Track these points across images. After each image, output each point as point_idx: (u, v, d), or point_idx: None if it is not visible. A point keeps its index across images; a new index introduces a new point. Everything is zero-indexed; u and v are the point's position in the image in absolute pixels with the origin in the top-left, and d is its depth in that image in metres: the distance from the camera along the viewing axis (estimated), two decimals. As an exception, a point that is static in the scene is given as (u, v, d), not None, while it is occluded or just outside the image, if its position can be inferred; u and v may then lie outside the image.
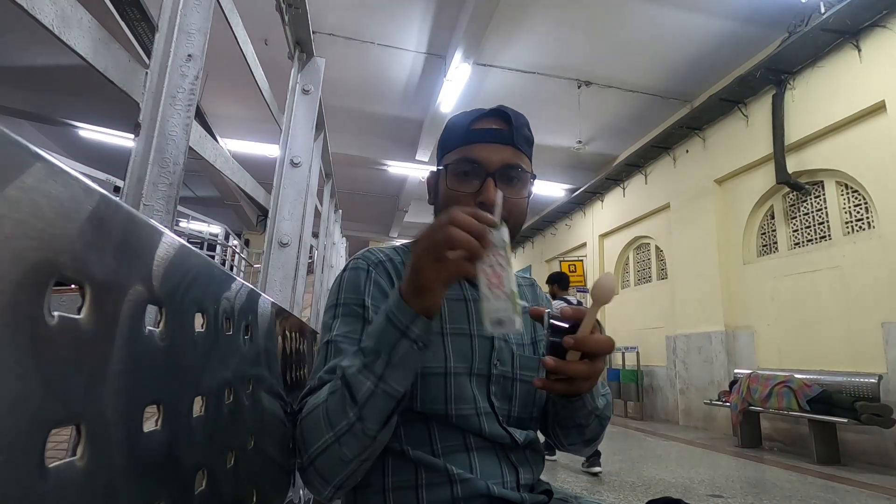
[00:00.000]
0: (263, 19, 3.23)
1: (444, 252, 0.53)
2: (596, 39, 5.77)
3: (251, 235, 13.25)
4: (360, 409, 0.56)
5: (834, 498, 2.97)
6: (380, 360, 0.56)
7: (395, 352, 0.56)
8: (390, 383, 0.56)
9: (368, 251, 0.77)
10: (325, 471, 0.59)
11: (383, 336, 0.56)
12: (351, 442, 0.57)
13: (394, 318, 0.56)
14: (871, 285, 4.28)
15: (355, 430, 0.56)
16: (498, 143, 0.73)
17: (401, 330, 0.56)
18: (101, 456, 0.27)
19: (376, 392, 0.55)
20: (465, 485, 0.65)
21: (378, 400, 0.56)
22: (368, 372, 0.56)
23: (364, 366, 0.56)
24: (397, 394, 0.56)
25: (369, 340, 0.58)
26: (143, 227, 0.32)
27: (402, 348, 0.56)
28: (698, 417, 6.10)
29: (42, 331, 0.23)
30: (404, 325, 0.56)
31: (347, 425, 0.56)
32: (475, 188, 0.72)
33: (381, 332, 0.57)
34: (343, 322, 0.69)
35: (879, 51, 4.33)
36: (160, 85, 0.80)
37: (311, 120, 1.71)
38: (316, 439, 0.59)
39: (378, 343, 0.56)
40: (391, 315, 0.56)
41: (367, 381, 0.56)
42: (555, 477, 3.30)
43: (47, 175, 0.23)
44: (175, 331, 0.36)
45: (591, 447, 0.79)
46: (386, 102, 7.39)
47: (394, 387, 0.56)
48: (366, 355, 0.57)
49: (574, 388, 0.59)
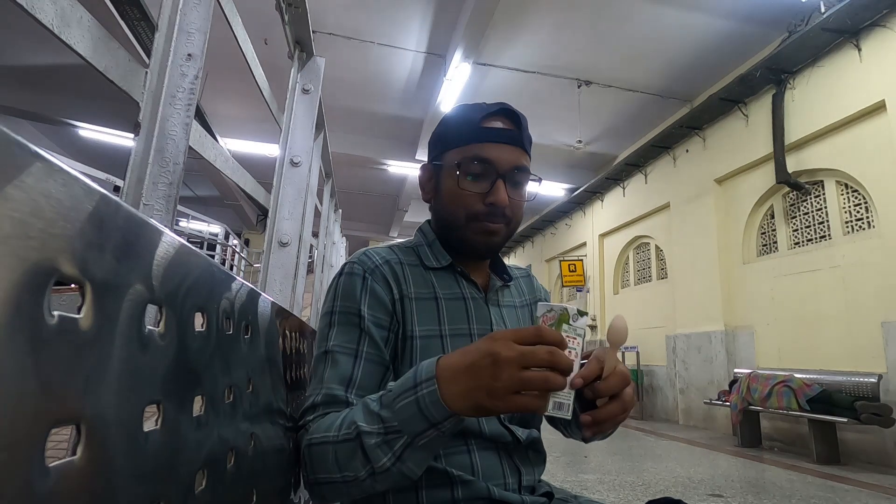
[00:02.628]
0: (263, 19, 3.23)
1: (523, 387, 0.48)
2: (596, 39, 5.76)
3: (251, 235, 13.25)
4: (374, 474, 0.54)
5: (834, 497, 2.98)
6: (401, 441, 0.53)
7: (419, 438, 0.52)
8: (409, 464, 0.54)
9: (364, 254, 0.75)
10: (330, 495, 0.60)
11: (411, 422, 0.52)
12: (358, 489, 0.57)
13: (426, 412, 0.51)
14: (871, 285, 4.28)
15: (365, 485, 0.56)
16: (508, 143, 0.72)
17: (432, 423, 0.52)
18: (101, 456, 0.27)
19: (391, 470, 0.54)
20: (466, 487, 0.65)
21: (392, 476, 0.55)
22: (387, 447, 0.53)
23: (384, 441, 0.53)
24: (414, 475, 0.55)
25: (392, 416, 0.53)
26: (143, 226, 0.32)
27: (428, 436, 0.52)
28: (698, 417, 6.10)
29: (42, 331, 0.23)
30: (437, 420, 0.51)
31: (355, 478, 0.56)
32: (485, 189, 0.72)
33: (410, 417, 0.52)
34: (339, 331, 0.68)
35: (879, 50, 4.33)
36: (160, 84, 0.80)
37: (311, 119, 1.71)
38: (323, 471, 0.58)
39: (403, 425, 0.52)
40: (423, 407, 0.51)
41: (384, 456, 0.53)
42: (554, 476, 3.30)
43: (47, 174, 0.23)
44: (175, 330, 0.36)
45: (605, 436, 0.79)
46: (386, 102, 7.39)
47: (412, 468, 0.54)
48: (387, 430, 0.53)
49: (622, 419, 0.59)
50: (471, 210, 0.72)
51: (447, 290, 0.76)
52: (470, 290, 0.77)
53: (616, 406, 0.57)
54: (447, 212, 0.75)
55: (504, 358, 0.47)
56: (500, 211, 0.71)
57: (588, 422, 0.57)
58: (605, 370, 0.56)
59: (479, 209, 0.72)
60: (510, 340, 0.49)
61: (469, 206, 0.72)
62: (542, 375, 0.48)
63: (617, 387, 0.57)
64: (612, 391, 0.57)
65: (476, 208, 0.72)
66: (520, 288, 0.87)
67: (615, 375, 0.57)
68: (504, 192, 0.71)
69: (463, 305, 0.75)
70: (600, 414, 0.57)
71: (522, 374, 0.47)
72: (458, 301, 0.75)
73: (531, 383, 0.47)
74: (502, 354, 0.48)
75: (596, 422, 0.57)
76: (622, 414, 0.58)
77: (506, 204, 0.71)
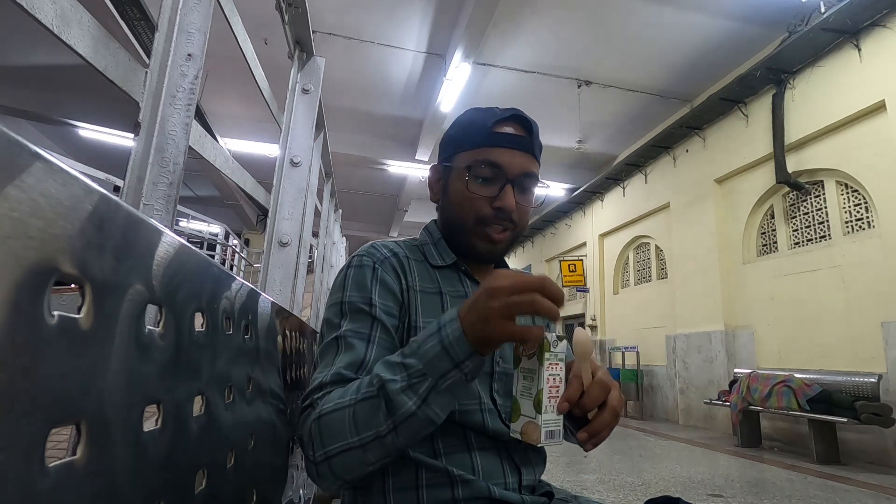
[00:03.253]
0: (263, 19, 3.23)
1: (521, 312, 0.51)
2: (596, 39, 5.77)
3: (251, 235, 13.25)
4: (396, 424, 0.55)
5: (834, 497, 2.98)
6: (426, 383, 0.54)
7: (443, 379, 0.54)
8: (433, 408, 0.55)
9: (373, 247, 0.76)
10: (341, 469, 0.59)
11: (435, 362, 0.54)
12: (377, 450, 0.57)
13: (451, 350, 0.54)
14: (871, 285, 4.28)
15: (385, 441, 0.56)
16: (519, 149, 0.73)
17: (455, 362, 0.54)
18: (101, 456, 0.27)
19: (417, 414, 0.55)
20: (466, 486, 0.65)
21: (416, 422, 0.55)
22: (412, 392, 0.55)
23: (409, 386, 0.55)
24: (438, 419, 0.56)
25: (416, 360, 0.56)
26: (142, 226, 0.32)
27: (451, 378, 0.55)
28: (698, 417, 6.10)
29: (42, 330, 0.23)
30: (460, 358, 0.54)
31: (376, 435, 0.56)
32: (493, 193, 0.72)
33: (434, 357, 0.55)
34: (352, 319, 0.68)
35: (879, 50, 4.33)
36: (160, 84, 0.80)
37: (311, 119, 1.71)
38: (338, 439, 0.58)
39: (428, 367, 0.55)
40: (448, 346, 0.54)
41: (409, 401, 0.54)
42: (554, 476, 3.30)
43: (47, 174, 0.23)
44: (175, 330, 0.36)
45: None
46: (386, 102, 7.39)
47: (436, 411, 0.55)
48: (410, 375, 0.55)
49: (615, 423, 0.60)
50: (479, 213, 0.73)
51: (451, 288, 0.77)
52: (473, 288, 0.78)
53: (607, 415, 0.58)
54: (454, 213, 0.76)
55: (496, 286, 0.52)
56: (507, 215, 0.72)
57: (584, 438, 0.58)
58: (585, 384, 0.57)
59: (487, 213, 0.73)
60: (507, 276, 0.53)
61: (477, 209, 0.73)
62: (529, 298, 0.51)
63: (600, 397, 0.58)
64: (597, 402, 0.58)
65: (484, 212, 0.73)
66: None
67: (595, 386, 0.58)
68: (512, 197, 0.72)
69: None
70: (594, 427, 0.58)
71: (511, 298, 0.51)
72: (462, 299, 0.76)
73: (520, 307, 0.51)
74: (496, 284, 0.52)
75: (592, 435, 0.58)
76: (614, 419, 0.59)
77: (513, 209, 0.72)
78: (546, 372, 0.55)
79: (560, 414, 0.56)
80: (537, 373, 0.56)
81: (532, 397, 0.56)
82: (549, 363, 0.56)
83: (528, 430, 0.56)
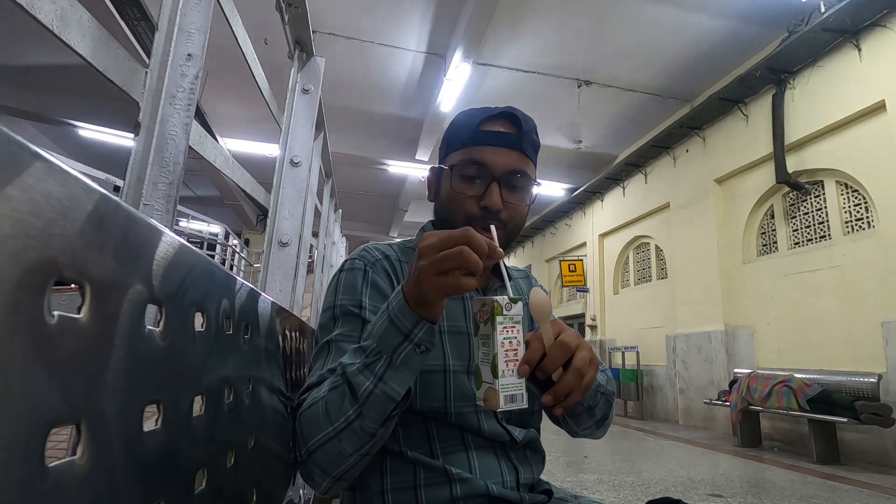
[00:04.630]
0: (263, 19, 3.23)
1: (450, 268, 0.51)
2: (596, 39, 5.77)
3: (251, 235, 13.25)
4: (360, 406, 0.55)
5: (834, 497, 2.98)
6: (381, 361, 0.55)
7: (396, 354, 0.55)
8: (390, 384, 0.55)
9: (365, 249, 0.77)
10: (324, 463, 0.59)
11: (385, 337, 0.55)
12: (350, 437, 0.57)
13: (397, 322, 0.55)
14: (871, 285, 4.28)
15: (354, 426, 0.56)
16: (505, 147, 0.72)
17: (404, 333, 0.55)
18: (101, 456, 0.27)
19: (375, 393, 0.55)
20: (465, 484, 0.65)
21: (376, 401, 0.55)
22: (369, 372, 0.55)
23: (365, 366, 0.56)
24: (397, 395, 0.56)
25: (371, 340, 0.57)
26: (142, 226, 0.32)
27: (404, 351, 0.55)
28: (698, 417, 6.10)
29: (42, 330, 0.23)
30: (407, 328, 0.55)
31: (346, 421, 0.56)
32: (479, 191, 0.71)
33: (384, 333, 0.56)
34: (343, 323, 0.69)
35: (879, 50, 4.33)
36: (160, 84, 0.80)
37: (311, 119, 1.71)
38: (315, 433, 0.58)
39: (380, 344, 0.56)
40: (394, 318, 0.55)
41: (366, 381, 0.55)
42: (554, 477, 3.30)
43: (47, 174, 0.23)
44: (175, 330, 0.36)
45: (603, 427, 0.79)
46: (386, 102, 7.39)
47: (394, 388, 0.55)
48: (367, 355, 0.56)
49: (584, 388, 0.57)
50: (466, 212, 0.72)
51: None
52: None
53: (569, 376, 0.56)
54: (445, 213, 0.76)
55: (424, 245, 0.53)
56: (494, 214, 0.71)
57: (549, 401, 0.56)
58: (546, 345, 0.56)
59: (474, 212, 0.72)
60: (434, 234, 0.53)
61: (465, 208, 0.72)
62: (457, 250, 0.50)
63: (561, 358, 0.56)
64: (558, 364, 0.56)
65: (471, 211, 0.72)
66: (519, 289, 0.88)
67: (556, 347, 0.56)
68: (497, 196, 0.70)
69: (461, 304, 0.76)
70: (557, 389, 0.56)
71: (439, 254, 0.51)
72: (457, 300, 0.76)
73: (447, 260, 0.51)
74: (424, 244, 0.53)
75: (556, 398, 0.56)
76: (580, 380, 0.56)
77: (499, 207, 0.70)
78: (500, 336, 0.54)
79: (521, 377, 0.54)
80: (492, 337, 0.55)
81: (489, 363, 0.55)
82: (502, 327, 0.54)
83: (489, 395, 0.54)
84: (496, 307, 0.55)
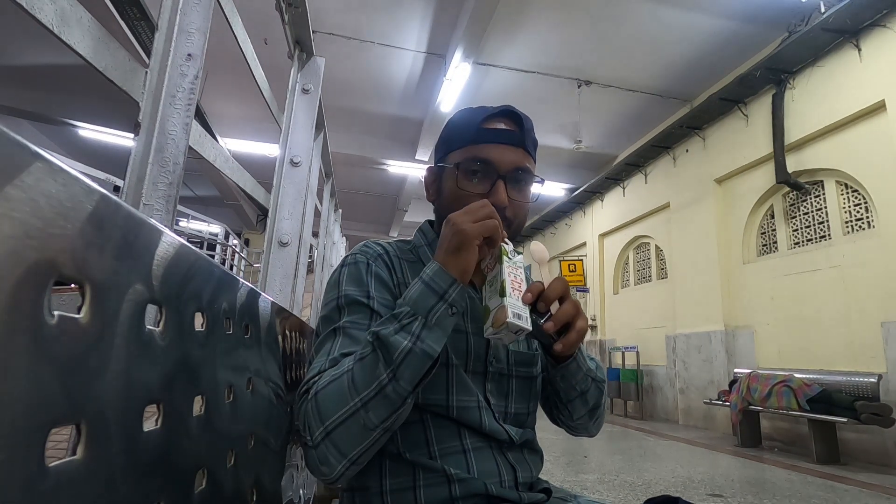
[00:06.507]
0: (263, 19, 3.23)
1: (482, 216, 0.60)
2: (596, 39, 5.76)
3: (251, 235, 13.25)
4: (396, 368, 0.56)
5: (834, 497, 2.98)
6: (417, 321, 0.58)
7: (431, 314, 0.58)
8: (427, 342, 0.58)
9: (366, 245, 0.77)
10: (343, 442, 0.57)
11: (421, 300, 0.59)
12: (379, 405, 0.57)
13: (432, 283, 0.60)
14: (871, 285, 4.28)
15: (387, 390, 0.56)
16: (509, 144, 0.72)
17: (438, 294, 0.59)
18: (101, 456, 0.27)
19: (414, 350, 0.57)
20: (463, 484, 0.65)
21: (414, 359, 0.57)
22: (405, 332, 0.58)
23: (402, 327, 0.58)
24: (434, 352, 0.58)
25: (405, 305, 0.60)
26: (142, 226, 0.32)
27: (438, 311, 0.59)
28: (698, 417, 6.10)
29: (42, 330, 0.23)
30: (442, 289, 0.59)
31: (378, 387, 0.56)
32: (485, 189, 0.72)
33: (419, 296, 0.60)
34: (350, 312, 0.68)
35: (879, 50, 4.33)
36: (160, 84, 0.80)
37: (311, 119, 1.71)
38: (338, 408, 0.57)
39: (415, 306, 0.59)
40: (429, 280, 0.60)
41: (404, 340, 0.57)
42: (554, 476, 3.30)
43: (47, 174, 0.23)
44: (175, 330, 0.36)
45: (597, 418, 0.80)
46: (386, 102, 7.39)
47: (431, 345, 0.58)
48: (400, 319, 0.59)
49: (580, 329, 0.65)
50: None
51: None
52: (469, 289, 0.78)
53: (568, 305, 0.64)
54: (448, 211, 0.76)
55: (456, 218, 0.61)
56: (500, 212, 0.71)
57: (550, 328, 0.62)
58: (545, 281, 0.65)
59: None
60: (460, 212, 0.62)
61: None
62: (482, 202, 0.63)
63: (559, 289, 0.64)
64: (558, 294, 0.64)
65: None
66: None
67: (554, 281, 0.65)
68: (504, 193, 0.71)
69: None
70: (558, 316, 0.63)
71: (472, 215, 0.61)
72: None
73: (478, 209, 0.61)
74: (454, 218, 0.61)
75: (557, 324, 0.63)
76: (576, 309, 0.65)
77: (505, 205, 0.71)
78: (506, 271, 0.61)
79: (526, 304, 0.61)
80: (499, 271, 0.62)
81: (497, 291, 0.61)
82: (508, 266, 0.62)
83: (497, 315, 0.60)
84: (503, 251, 0.63)
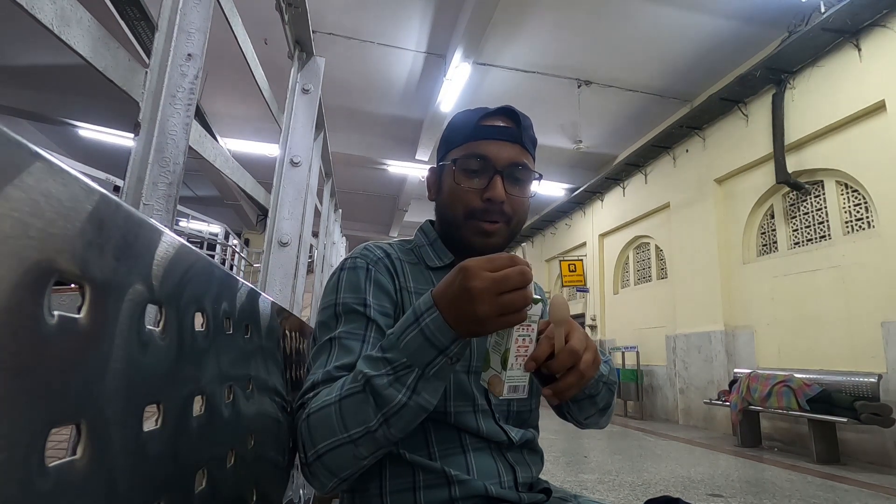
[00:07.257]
0: (263, 19, 3.23)
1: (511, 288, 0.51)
2: (596, 39, 5.76)
3: (251, 235, 13.25)
4: (387, 417, 0.55)
5: (834, 497, 2.98)
6: (413, 374, 0.55)
7: (430, 367, 0.55)
8: (424, 395, 0.56)
9: (366, 248, 0.76)
10: (335, 466, 0.58)
11: (419, 353, 0.55)
12: (369, 444, 0.57)
13: (433, 339, 0.54)
14: (871, 285, 4.28)
15: (376, 435, 0.56)
16: (506, 140, 0.73)
17: (439, 349, 0.55)
18: (101, 456, 0.27)
19: (409, 405, 0.55)
20: (463, 485, 0.65)
21: (408, 412, 0.55)
22: (400, 385, 0.55)
23: (396, 379, 0.55)
24: (430, 406, 0.57)
25: (399, 353, 0.56)
26: (142, 226, 0.32)
27: (438, 364, 0.55)
28: (698, 417, 6.10)
29: (42, 330, 0.23)
30: (444, 345, 0.54)
31: (366, 430, 0.56)
32: (482, 185, 0.72)
33: (417, 349, 0.55)
34: (346, 321, 0.68)
35: (879, 50, 4.33)
36: (160, 84, 0.80)
37: (311, 119, 1.71)
38: (327, 436, 0.57)
39: (412, 358, 0.55)
40: (430, 335, 0.54)
41: (398, 394, 0.55)
42: (554, 476, 3.30)
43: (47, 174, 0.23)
44: (175, 330, 0.36)
45: (606, 416, 0.79)
46: (386, 102, 7.39)
47: (427, 399, 0.56)
48: (395, 368, 0.55)
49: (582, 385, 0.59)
50: (469, 207, 0.72)
51: None
52: None
53: (572, 377, 0.58)
54: (447, 209, 0.76)
55: (479, 290, 0.51)
56: (497, 207, 0.71)
57: (549, 395, 0.59)
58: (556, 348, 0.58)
59: (477, 206, 0.72)
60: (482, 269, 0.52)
61: (467, 202, 0.72)
62: (518, 269, 0.52)
63: (567, 362, 0.58)
64: (565, 367, 0.58)
65: (474, 205, 0.72)
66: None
67: (564, 353, 0.58)
68: (501, 188, 0.70)
69: None
70: (559, 386, 0.58)
71: (500, 299, 0.51)
72: None
73: (512, 305, 0.52)
74: (477, 287, 0.51)
75: (556, 393, 0.59)
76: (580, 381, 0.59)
77: (502, 199, 0.71)
78: (515, 333, 0.57)
79: (527, 372, 0.58)
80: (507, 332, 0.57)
81: (500, 353, 0.58)
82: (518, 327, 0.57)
83: (494, 382, 0.58)
84: None
